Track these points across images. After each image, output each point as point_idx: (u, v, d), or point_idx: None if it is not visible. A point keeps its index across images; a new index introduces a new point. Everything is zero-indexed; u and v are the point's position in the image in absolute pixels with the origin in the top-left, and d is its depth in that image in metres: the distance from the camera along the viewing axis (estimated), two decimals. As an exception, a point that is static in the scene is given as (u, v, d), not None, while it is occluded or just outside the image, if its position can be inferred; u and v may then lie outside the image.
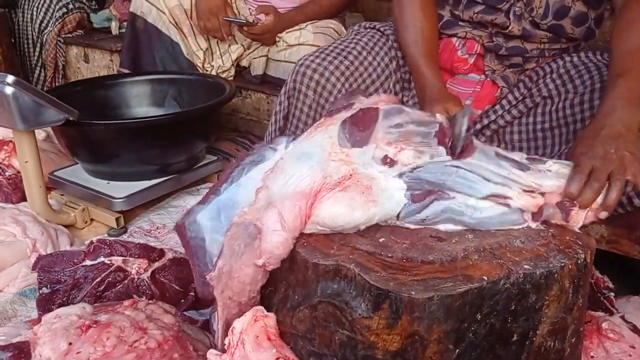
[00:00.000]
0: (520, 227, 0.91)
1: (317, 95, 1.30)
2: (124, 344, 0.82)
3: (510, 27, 1.26)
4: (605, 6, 1.29)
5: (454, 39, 1.34)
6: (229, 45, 2.17)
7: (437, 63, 1.31)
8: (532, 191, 0.90)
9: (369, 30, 1.43)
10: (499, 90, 1.33)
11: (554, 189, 0.91)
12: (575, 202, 0.90)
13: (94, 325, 0.86)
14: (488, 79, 1.34)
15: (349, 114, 0.96)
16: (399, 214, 0.90)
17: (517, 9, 1.25)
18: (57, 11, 2.71)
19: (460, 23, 1.31)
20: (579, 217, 0.91)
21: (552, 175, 0.92)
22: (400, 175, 0.91)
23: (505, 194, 0.89)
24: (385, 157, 0.92)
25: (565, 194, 0.90)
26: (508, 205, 0.89)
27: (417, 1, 1.31)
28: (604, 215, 0.93)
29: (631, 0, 1.15)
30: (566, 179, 0.91)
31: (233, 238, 0.86)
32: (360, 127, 0.94)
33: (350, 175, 0.89)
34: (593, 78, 1.21)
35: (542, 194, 0.90)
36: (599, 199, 0.92)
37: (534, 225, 0.91)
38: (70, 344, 0.83)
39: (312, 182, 0.87)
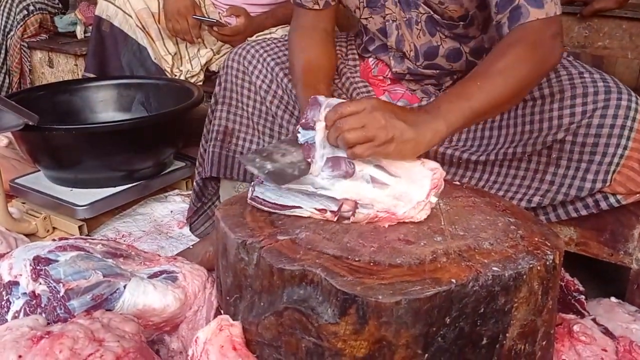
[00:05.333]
0: None
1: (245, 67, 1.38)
2: (78, 358, 0.78)
3: (395, 69, 1.30)
4: (486, 42, 1.23)
5: (370, 60, 1.37)
6: (198, 50, 2.13)
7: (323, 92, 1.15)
8: None
9: None
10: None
11: None
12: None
13: (46, 337, 0.81)
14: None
15: None
16: None
17: (395, 53, 1.29)
18: (18, 14, 2.64)
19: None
20: None
21: None
22: None
23: None
24: None
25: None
26: None
27: (307, 33, 1.30)
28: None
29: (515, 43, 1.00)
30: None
31: None
32: None
33: None
34: (552, 87, 1.14)
35: None
36: None
37: None
38: (20, 356, 0.78)
39: None
